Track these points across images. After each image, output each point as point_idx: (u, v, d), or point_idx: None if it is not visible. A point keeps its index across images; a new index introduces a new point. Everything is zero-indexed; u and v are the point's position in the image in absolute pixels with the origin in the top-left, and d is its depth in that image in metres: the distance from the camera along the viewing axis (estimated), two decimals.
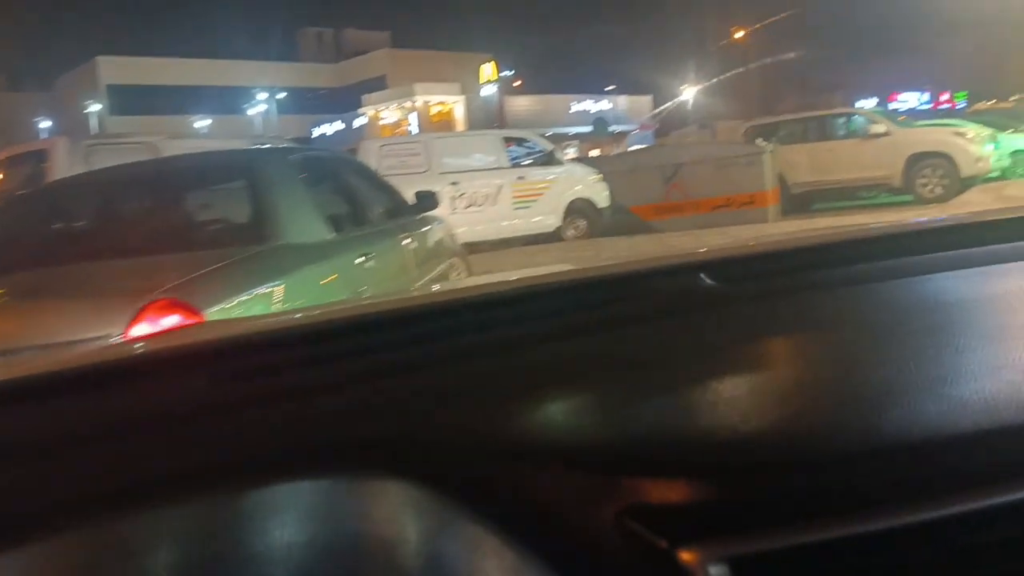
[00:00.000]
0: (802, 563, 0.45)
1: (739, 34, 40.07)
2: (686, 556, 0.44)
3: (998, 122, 13.34)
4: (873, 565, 0.45)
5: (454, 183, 10.11)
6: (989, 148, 11.29)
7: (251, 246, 2.67)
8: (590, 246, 9.52)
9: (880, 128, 11.76)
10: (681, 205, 11.00)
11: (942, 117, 14.37)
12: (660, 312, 0.76)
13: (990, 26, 39.52)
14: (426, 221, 4.23)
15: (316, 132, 36.95)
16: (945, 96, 40.43)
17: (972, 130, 11.62)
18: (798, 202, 11.75)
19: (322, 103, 39.66)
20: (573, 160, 12.23)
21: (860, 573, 0.45)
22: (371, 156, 10.04)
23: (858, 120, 12.32)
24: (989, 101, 33.16)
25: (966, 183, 11.08)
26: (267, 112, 39.01)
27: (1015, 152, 12.77)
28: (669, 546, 0.44)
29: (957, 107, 36.13)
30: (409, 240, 3.83)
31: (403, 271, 3.59)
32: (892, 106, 34.30)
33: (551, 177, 10.61)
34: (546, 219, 10.50)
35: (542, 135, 12.07)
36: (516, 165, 10.64)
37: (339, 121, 37.32)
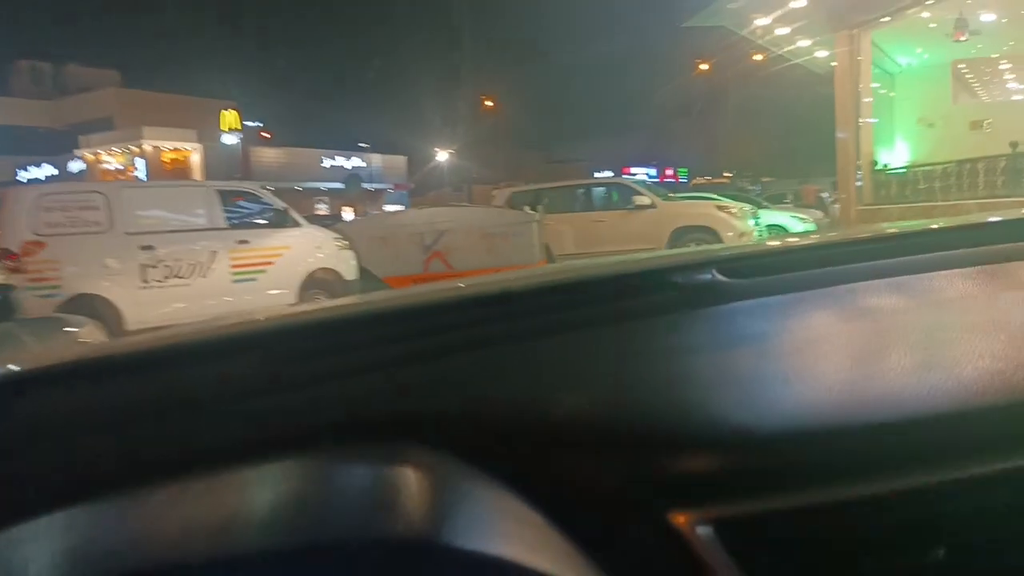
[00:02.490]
0: (778, 527, 0.50)
1: (489, 103, 40.45)
2: (678, 519, 0.50)
3: (748, 198, 13.26)
4: (840, 532, 0.50)
5: (147, 247, 7.42)
6: (751, 223, 10.81)
7: None
8: None
9: (645, 200, 10.90)
10: (443, 278, 9.15)
11: (685, 191, 14.07)
12: (673, 305, 0.76)
13: (706, 114, 43.48)
14: None
15: (23, 176, 31.24)
16: (670, 171, 43.59)
17: (735, 205, 11.14)
18: None
19: (39, 143, 33.70)
20: (339, 216, 9.86)
21: (827, 540, 0.50)
22: (22, 208, 7.10)
23: (624, 191, 11.41)
24: (705, 177, 36.04)
25: None
26: None
27: (772, 227, 12.61)
28: (664, 510, 0.50)
29: (680, 181, 38.93)
30: None
31: None
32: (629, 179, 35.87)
33: (284, 242, 8.26)
34: (277, 294, 8.11)
35: (295, 187, 9.56)
36: (237, 226, 8.16)
37: (50, 165, 31.88)
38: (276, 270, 8.09)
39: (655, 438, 0.54)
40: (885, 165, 9.82)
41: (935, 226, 0.96)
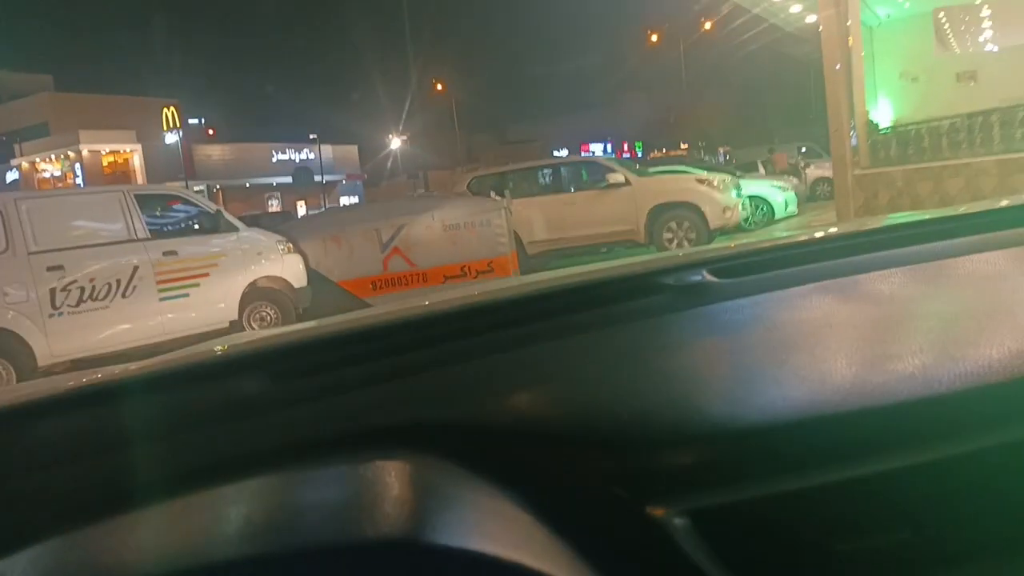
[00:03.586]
0: (753, 515, 0.51)
1: (439, 87, 39.23)
2: (657, 512, 0.51)
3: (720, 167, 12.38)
4: (813, 517, 0.52)
5: (55, 267, 6.23)
6: (735, 196, 9.90)
7: None
8: None
9: (619, 177, 9.91)
10: (405, 277, 8.06)
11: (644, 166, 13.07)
12: (663, 307, 0.78)
13: (658, 86, 42.76)
14: None
15: None
16: (626, 146, 42.77)
17: (716, 177, 10.19)
18: (536, 265, 9.45)
19: None
20: (293, 212, 8.68)
21: (801, 525, 0.51)
22: None
23: (594, 169, 10.42)
24: (661, 150, 35.37)
25: (714, 235, 9.56)
26: None
27: (752, 197, 11.73)
28: (643, 504, 0.51)
29: (637, 156, 38.12)
30: None
31: None
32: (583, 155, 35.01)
33: (218, 250, 7.10)
34: (215, 311, 6.98)
35: (244, 184, 8.34)
36: (162, 235, 6.98)
37: None
38: (211, 283, 6.93)
39: (634, 436, 0.56)
40: (876, 124, 8.96)
41: (923, 218, 1.01)
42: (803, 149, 20.22)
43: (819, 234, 1.04)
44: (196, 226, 7.17)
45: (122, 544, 0.49)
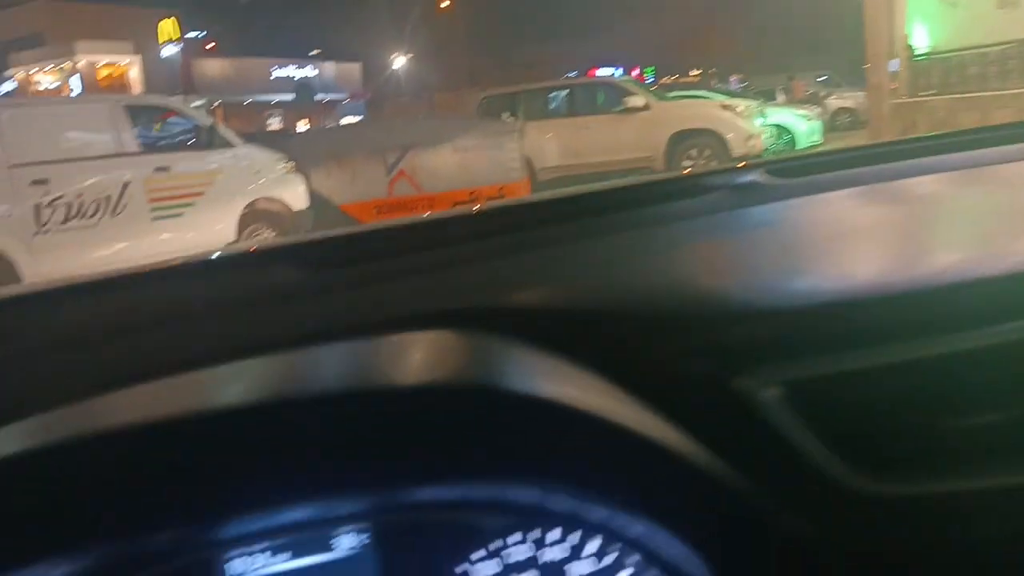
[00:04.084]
0: (836, 389, 0.51)
1: (445, 2, 37.90)
2: (742, 384, 0.50)
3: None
4: (895, 394, 0.51)
5: (40, 182, 5.79)
6: (760, 124, 9.34)
7: None
8: None
9: (639, 101, 9.34)
10: (411, 202, 7.61)
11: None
12: (721, 205, 0.78)
13: (671, 9, 41.23)
14: None
15: None
16: (636, 72, 41.49)
17: (740, 103, 9.61)
18: None
19: None
20: (293, 131, 8.18)
21: (886, 402, 0.51)
22: None
23: (612, 91, 9.82)
24: (673, 76, 34.27)
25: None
26: None
27: (776, 127, 11.14)
28: (727, 376, 0.50)
29: (647, 82, 37.00)
30: None
31: None
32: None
33: (214, 167, 6.63)
34: (212, 232, 6.55)
35: (243, 101, 7.84)
36: (154, 149, 6.49)
37: None
38: (207, 202, 6.49)
39: (710, 312, 0.55)
40: (915, 50, 8.33)
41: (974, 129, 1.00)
42: (822, 78, 19.47)
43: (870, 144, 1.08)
44: (190, 141, 6.68)
45: (193, 393, 0.48)
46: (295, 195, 7.00)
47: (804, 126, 11.89)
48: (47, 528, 0.37)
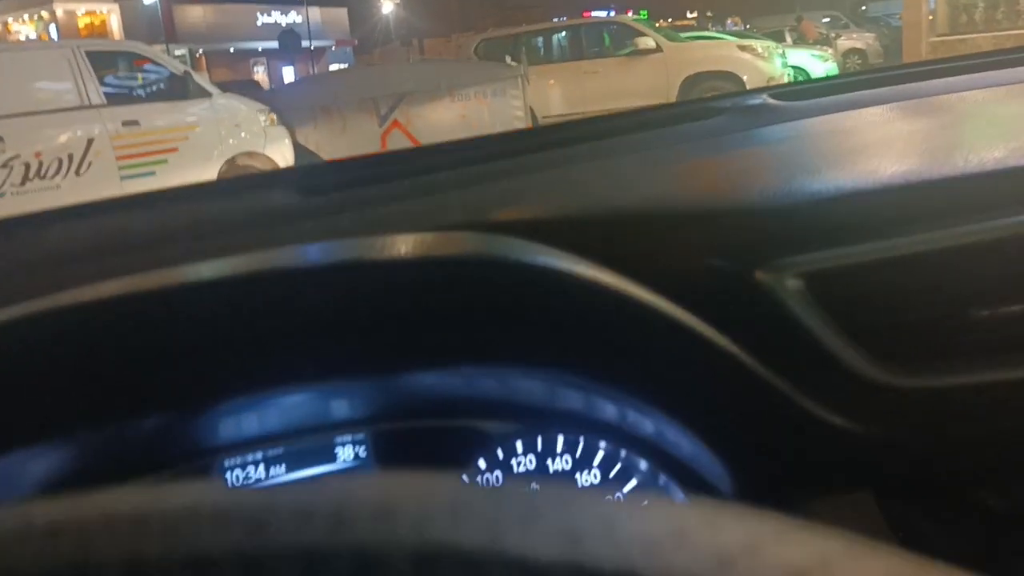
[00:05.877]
0: (857, 280, 0.51)
1: None
2: (764, 275, 0.50)
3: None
4: (915, 284, 0.51)
5: None
6: (779, 64, 8.61)
7: None
8: None
9: (649, 42, 8.58)
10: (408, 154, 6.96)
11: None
12: (729, 127, 0.77)
13: None
14: None
15: None
16: (630, 14, 40.10)
17: (759, 43, 8.86)
18: None
19: None
20: (280, 80, 7.45)
21: (901, 292, 0.51)
22: None
23: (622, 32, 9.05)
24: (667, 20, 33.02)
25: None
26: None
27: (793, 68, 10.41)
28: (750, 269, 0.50)
29: None
30: None
31: None
32: None
33: (188, 120, 5.91)
34: None
35: (228, 49, 7.07)
36: (121, 101, 5.76)
37: None
38: (181, 159, 5.79)
39: (728, 209, 0.55)
40: None
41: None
42: (825, 20, 18.63)
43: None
44: (162, 91, 5.95)
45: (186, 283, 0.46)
46: (279, 149, 6.30)
47: (821, 67, 11.15)
48: (18, 409, 0.34)
